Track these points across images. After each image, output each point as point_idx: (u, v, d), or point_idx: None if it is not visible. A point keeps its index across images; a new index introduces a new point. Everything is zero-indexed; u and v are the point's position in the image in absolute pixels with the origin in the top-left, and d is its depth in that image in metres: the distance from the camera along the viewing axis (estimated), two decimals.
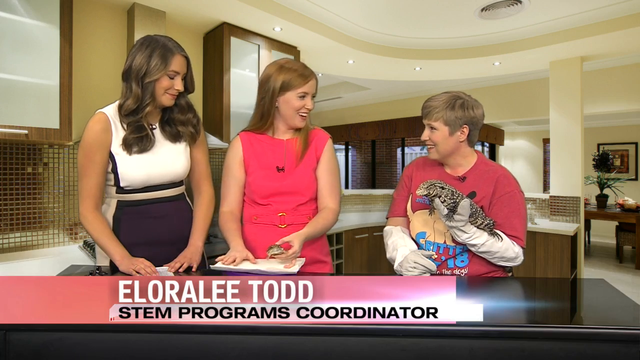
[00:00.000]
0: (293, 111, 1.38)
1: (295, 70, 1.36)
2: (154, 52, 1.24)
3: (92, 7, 2.33)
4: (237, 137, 1.47)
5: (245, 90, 2.84)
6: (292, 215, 1.39)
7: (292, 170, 1.40)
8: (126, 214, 1.33)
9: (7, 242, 2.00)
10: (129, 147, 1.28)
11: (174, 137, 1.38)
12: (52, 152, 2.14)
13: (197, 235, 1.39)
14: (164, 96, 1.29)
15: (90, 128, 1.26)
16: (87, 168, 1.25)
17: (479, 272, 1.33)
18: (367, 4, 2.95)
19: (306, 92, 1.36)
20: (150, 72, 1.24)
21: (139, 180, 1.30)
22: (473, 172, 1.38)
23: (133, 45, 1.29)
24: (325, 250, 1.49)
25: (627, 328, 0.82)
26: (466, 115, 1.31)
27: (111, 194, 1.34)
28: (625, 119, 6.80)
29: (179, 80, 1.30)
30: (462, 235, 1.25)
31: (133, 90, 1.26)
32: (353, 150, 9.01)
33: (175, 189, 1.41)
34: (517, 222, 1.31)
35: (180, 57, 1.28)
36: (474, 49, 3.74)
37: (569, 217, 3.69)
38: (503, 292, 1.24)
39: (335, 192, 1.44)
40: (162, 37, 1.29)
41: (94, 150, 1.25)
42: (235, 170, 1.43)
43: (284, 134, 1.45)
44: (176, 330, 0.84)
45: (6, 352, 0.81)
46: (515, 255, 1.28)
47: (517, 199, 1.32)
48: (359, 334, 0.84)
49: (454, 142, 1.34)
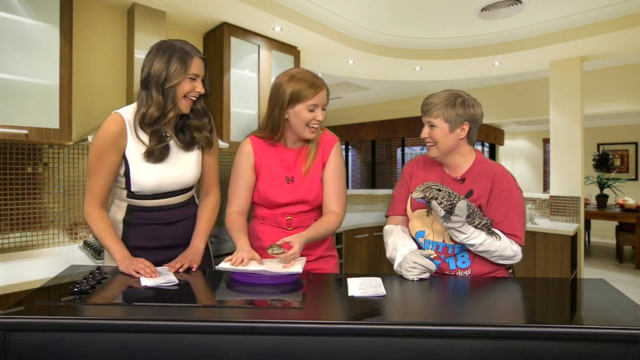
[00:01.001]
0: (302, 123, 1.36)
1: (306, 81, 1.34)
2: (172, 57, 1.23)
3: (92, 7, 2.33)
4: (248, 140, 1.45)
5: (245, 91, 2.84)
6: (298, 218, 1.42)
7: (301, 181, 1.41)
8: (136, 218, 1.33)
9: (7, 242, 2.00)
10: (149, 156, 1.27)
11: (188, 145, 1.37)
12: (52, 152, 2.14)
13: (200, 238, 1.39)
14: (182, 101, 1.28)
15: (106, 128, 1.24)
16: (98, 167, 1.25)
17: (482, 272, 1.33)
18: (367, 4, 2.95)
19: (316, 104, 1.34)
20: (171, 77, 1.23)
21: (149, 188, 1.30)
22: (472, 172, 1.38)
23: (149, 52, 1.27)
24: (331, 245, 1.52)
25: (627, 328, 0.82)
26: (467, 112, 1.32)
27: (122, 197, 1.34)
28: (625, 119, 6.80)
29: (199, 83, 1.29)
30: (459, 236, 1.25)
31: (154, 98, 1.24)
32: (353, 150, 9.01)
33: (184, 194, 1.41)
34: (515, 220, 1.30)
35: (199, 59, 1.28)
36: (474, 49, 3.74)
37: (569, 217, 3.69)
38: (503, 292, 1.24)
39: (340, 196, 1.44)
40: (178, 41, 1.28)
41: (107, 152, 1.24)
42: (246, 173, 1.43)
43: (294, 143, 1.45)
44: (176, 330, 0.84)
45: (6, 352, 0.81)
46: (514, 254, 1.28)
47: (515, 196, 1.32)
48: (358, 334, 0.84)
49: (454, 140, 1.34)
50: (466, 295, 1.20)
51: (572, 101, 3.68)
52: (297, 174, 1.42)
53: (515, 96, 5.15)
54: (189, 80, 1.26)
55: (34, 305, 0.94)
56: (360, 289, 1.06)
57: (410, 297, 1.14)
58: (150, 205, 1.34)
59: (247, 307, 1.02)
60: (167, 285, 1.12)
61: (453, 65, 4.04)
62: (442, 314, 1.04)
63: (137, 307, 0.96)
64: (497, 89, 5.29)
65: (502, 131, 8.31)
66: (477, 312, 1.05)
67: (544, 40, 3.39)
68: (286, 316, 0.95)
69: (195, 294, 1.19)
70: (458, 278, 1.31)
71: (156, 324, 0.84)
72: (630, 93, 4.22)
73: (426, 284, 1.21)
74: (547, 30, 3.33)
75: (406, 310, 1.07)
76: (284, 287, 1.12)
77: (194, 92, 1.28)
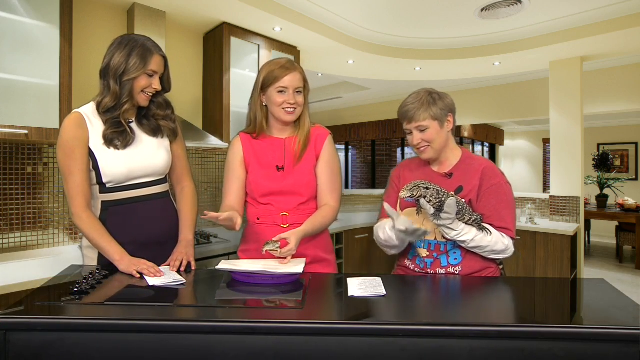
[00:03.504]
0: (276, 107, 1.38)
1: (278, 63, 1.38)
2: (132, 52, 1.26)
3: (92, 7, 2.33)
4: (237, 137, 1.48)
5: (245, 91, 2.83)
6: (294, 214, 1.39)
7: (292, 169, 1.40)
8: (112, 214, 1.32)
9: (7, 242, 2.00)
10: (109, 142, 1.28)
11: (154, 132, 1.39)
12: (52, 152, 2.14)
13: (187, 229, 1.40)
14: (140, 95, 1.31)
15: (65, 126, 1.26)
16: (70, 166, 1.25)
17: (473, 269, 1.33)
18: (367, 4, 2.95)
19: (286, 86, 1.36)
20: (129, 70, 1.26)
21: (120, 175, 1.30)
22: (459, 168, 1.39)
23: (111, 44, 1.30)
24: (329, 249, 1.49)
25: (627, 328, 0.81)
26: (446, 104, 1.35)
27: (95, 195, 1.33)
28: (625, 119, 6.81)
29: (156, 80, 1.32)
30: (450, 233, 1.26)
31: (111, 88, 1.27)
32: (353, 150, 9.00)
33: (159, 186, 1.41)
34: (506, 213, 1.32)
35: (159, 57, 1.30)
36: (474, 49, 3.74)
37: (569, 217, 3.69)
38: (503, 292, 1.24)
39: (335, 189, 1.44)
40: (141, 37, 1.31)
41: (73, 147, 1.25)
42: (236, 169, 1.43)
43: (281, 132, 1.45)
44: (176, 330, 0.84)
45: (6, 352, 0.81)
46: (505, 248, 1.30)
47: (504, 190, 1.34)
48: (358, 334, 0.84)
49: (446, 134, 1.37)
50: (466, 295, 1.20)
51: (572, 101, 3.68)
52: (287, 163, 1.41)
53: (515, 96, 5.15)
54: (146, 75, 1.28)
55: (34, 305, 0.94)
56: (360, 289, 1.06)
57: (410, 297, 1.14)
58: (124, 197, 1.33)
59: (247, 307, 1.02)
60: (175, 284, 1.12)
61: (453, 65, 4.04)
62: (442, 314, 1.04)
63: (137, 307, 0.96)
64: (497, 89, 5.29)
65: (502, 131, 8.32)
66: (477, 312, 1.05)
67: (544, 40, 3.39)
68: (286, 316, 0.95)
69: (196, 294, 1.19)
70: (458, 278, 1.31)
71: (156, 324, 0.84)
72: (630, 93, 4.22)
73: (426, 284, 1.21)
74: (547, 30, 3.33)
75: (406, 310, 1.07)
76: (284, 287, 1.12)
77: (151, 88, 1.31)
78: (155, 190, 1.39)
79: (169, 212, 1.43)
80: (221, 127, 2.69)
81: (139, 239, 1.33)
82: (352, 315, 0.96)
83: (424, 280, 1.26)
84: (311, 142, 1.44)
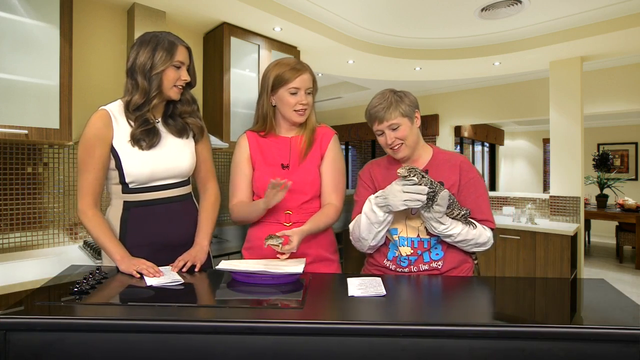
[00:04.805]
0: (288, 108, 1.38)
1: (288, 65, 1.38)
2: (157, 46, 1.26)
3: (92, 7, 2.33)
4: (244, 135, 1.49)
5: (245, 90, 2.84)
6: (297, 213, 1.40)
7: (297, 167, 1.41)
8: (133, 215, 1.31)
9: (7, 242, 2.00)
10: (137, 142, 1.28)
11: (179, 132, 1.38)
12: (52, 152, 2.14)
13: (203, 235, 1.39)
14: (172, 90, 1.30)
15: (91, 123, 1.26)
16: (87, 163, 1.25)
17: (453, 264, 1.35)
18: (367, 4, 2.95)
19: (298, 87, 1.36)
20: (156, 64, 1.25)
21: (143, 176, 1.29)
22: (433, 164, 1.39)
23: (133, 43, 1.30)
24: (332, 249, 1.49)
25: (627, 328, 0.81)
26: (411, 101, 1.36)
27: (117, 194, 1.32)
28: (625, 119, 6.81)
29: (184, 71, 1.31)
30: (438, 227, 1.26)
31: (140, 84, 1.26)
32: (353, 150, 9.00)
33: (181, 188, 1.40)
34: (485, 206, 1.36)
35: (183, 47, 1.30)
36: (474, 49, 3.74)
37: (569, 217, 3.69)
38: (503, 292, 1.24)
39: (338, 188, 1.45)
40: (161, 33, 1.31)
41: (94, 145, 1.25)
42: (243, 167, 1.44)
43: (288, 131, 1.46)
44: (176, 330, 0.84)
45: (6, 352, 0.81)
46: (487, 239, 1.33)
47: (481, 183, 1.39)
48: (358, 334, 0.84)
49: (417, 130, 1.38)
50: (466, 295, 1.20)
51: (572, 101, 3.68)
52: (292, 161, 1.42)
53: (515, 96, 5.15)
54: (173, 68, 1.28)
55: (34, 305, 0.94)
56: (360, 289, 1.06)
57: (410, 297, 1.14)
58: (147, 198, 1.32)
59: (247, 307, 1.02)
60: (173, 284, 1.12)
61: (453, 65, 4.04)
62: (442, 314, 1.04)
63: (137, 307, 0.96)
64: (497, 89, 5.29)
65: (502, 131, 8.31)
66: (477, 312, 1.05)
67: (544, 40, 3.39)
68: (286, 316, 0.94)
69: (196, 294, 1.19)
70: (458, 278, 1.31)
71: (156, 324, 0.84)
72: (630, 93, 4.22)
73: (426, 284, 1.21)
74: (547, 30, 3.33)
75: (406, 310, 1.07)
76: (284, 287, 1.12)
77: (180, 80, 1.30)
78: (178, 192, 1.38)
79: (191, 214, 1.42)
80: (221, 127, 2.69)
81: (158, 240, 1.33)
82: (352, 315, 0.96)
83: (424, 281, 1.26)
84: (316, 141, 1.44)
